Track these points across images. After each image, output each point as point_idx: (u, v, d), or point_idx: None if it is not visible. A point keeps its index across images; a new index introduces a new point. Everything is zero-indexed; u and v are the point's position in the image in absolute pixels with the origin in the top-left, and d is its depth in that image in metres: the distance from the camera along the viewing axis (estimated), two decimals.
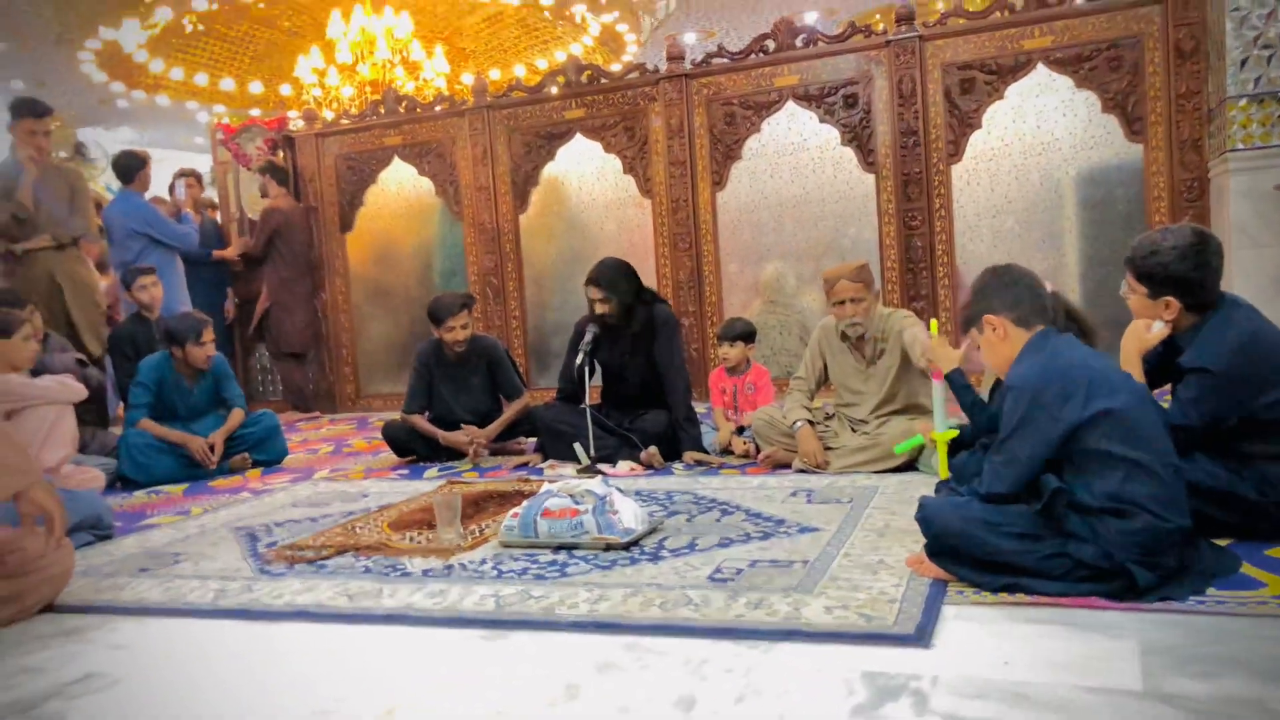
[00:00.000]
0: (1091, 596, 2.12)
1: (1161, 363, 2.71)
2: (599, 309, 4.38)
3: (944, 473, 3.16)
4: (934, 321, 3.44)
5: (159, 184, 7.09)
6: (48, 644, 2.35)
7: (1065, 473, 2.18)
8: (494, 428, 4.78)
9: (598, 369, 4.53)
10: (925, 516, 2.34)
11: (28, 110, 5.41)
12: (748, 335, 4.61)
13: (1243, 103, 4.97)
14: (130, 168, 6.41)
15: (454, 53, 10.78)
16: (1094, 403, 2.13)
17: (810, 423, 3.93)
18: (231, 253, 7.37)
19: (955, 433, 3.13)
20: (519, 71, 11.07)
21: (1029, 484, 2.21)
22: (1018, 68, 5.66)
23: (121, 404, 5.38)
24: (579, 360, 4.36)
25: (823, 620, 2.12)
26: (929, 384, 3.76)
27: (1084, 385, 2.15)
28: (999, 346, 2.38)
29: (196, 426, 4.86)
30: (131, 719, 1.89)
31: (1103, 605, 2.09)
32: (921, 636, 1.99)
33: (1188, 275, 2.52)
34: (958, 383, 2.99)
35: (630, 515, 2.90)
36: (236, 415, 4.95)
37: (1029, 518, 2.21)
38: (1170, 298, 2.56)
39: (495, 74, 11.02)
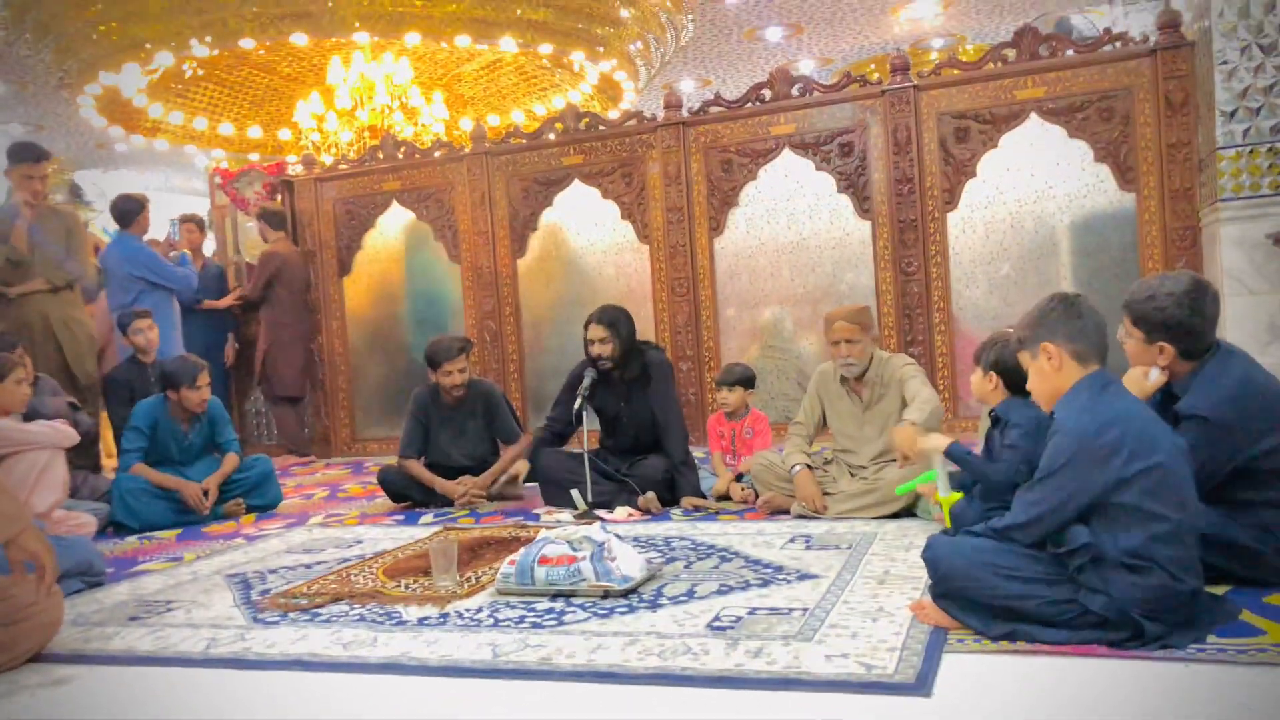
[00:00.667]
0: (1094, 644, 2.10)
1: (1159, 411, 2.71)
2: (599, 349, 4.38)
3: (948, 523, 3.14)
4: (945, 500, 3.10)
5: (156, 228, 7.12)
6: (35, 694, 2.31)
7: (1092, 523, 2.16)
8: (489, 475, 4.75)
9: (594, 415, 4.52)
10: (933, 557, 2.32)
11: (25, 155, 5.44)
12: (747, 380, 4.61)
13: (1232, 153, 5.02)
14: (129, 211, 6.42)
15: (453, 99, 10.87)
16: (1140, 459, 2.10)
17: (809, 467, 3.92)
18: (225, 303, 7.36)
19: (960, 495, 3.12)
20: (517, 118, 11.16)
21: (1053, 528, 2.19)
22: (1011, 117, 5.73)
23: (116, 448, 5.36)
24: (577, 404, 4.35)
25: (823, 669, 2.10)
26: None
27: (1132, 439, 2.11)
28: (1051, 377, 2.30)
29: (190, 471, 4.83)
30: None
31: (1104, 654, 2.07)
32: (922, 685, 1.97)
33: (1183, 321, 2.53)
34: (960, 455, 2.98)
35: (628, 562, 2.88)
36: (231, 460, 4.93)
37: (1039, 563, 2.19)
38: (1164, 343, 2.56)
39: (494, 120, 11.11)
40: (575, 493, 4.20)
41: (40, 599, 2.49)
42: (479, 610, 2.77)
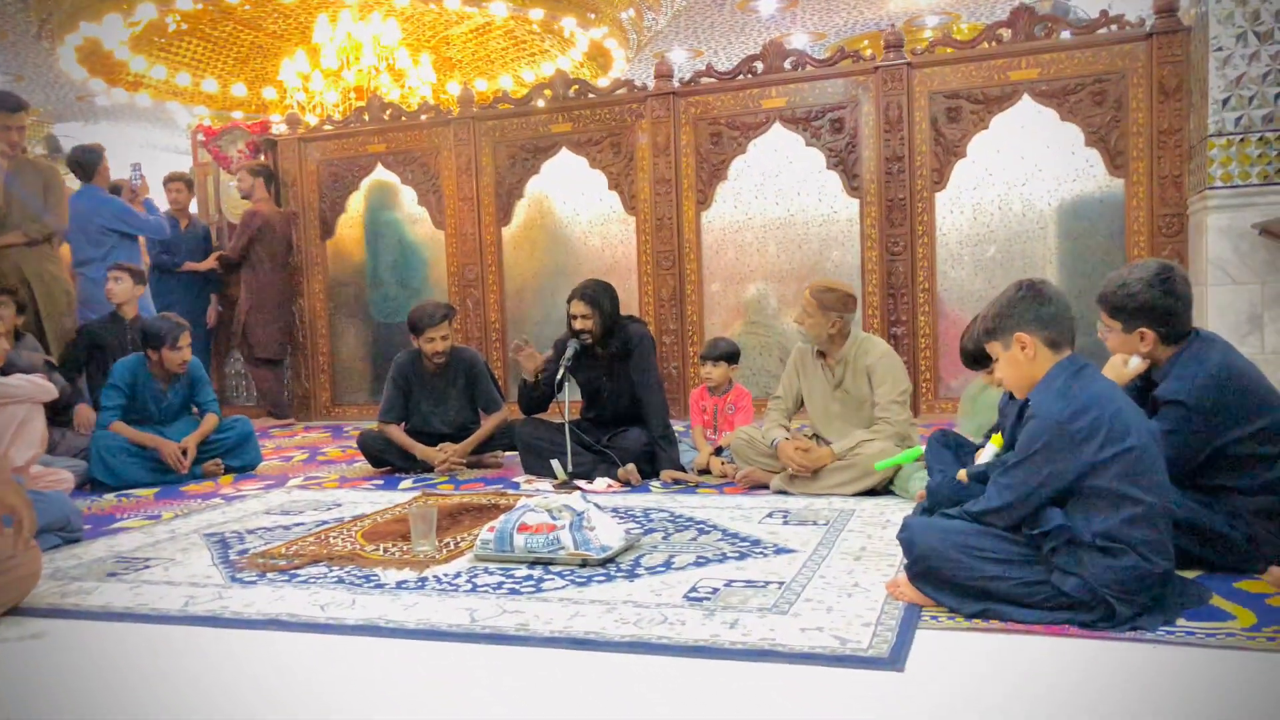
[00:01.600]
0: (1065, 625, 2.13)
1: (1139, 397, 2.73)
2: (581, 324, 4.38)
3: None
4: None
5: (116, 173, 6.99)
6: (12, 647, 2.31)
7: (1066, 505, 2.18)
8: (469, 443, 4.75)
9: (575, 386, 4.52)
10: (908, 537, 2.34)
11: (1, 105, 5.34)
12: (731, 356, 4.62)
13: (1223, 141, 5.04)
14: (90, 164, 6.27)
15: (441, 62, 10.76)
16: (1114, 443, 2.12)
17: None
18: (206, 265, 7.28)
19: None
20: (506, 83, 11.06)
21: (1029, 512, 2.21)
22: (1004, 98, 5.72)
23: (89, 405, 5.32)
24: (559, 375, 4.35)
25: (797, 642, 2.11)
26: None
27: (1106, 424, 2.13)
28: (1024, 366, 2.30)
29: (169, 431, 4.81)
30: None
31: (1075, 634, 2.10)
32: (895, 660, 1.99)
33: (1157, 303, 2.55)
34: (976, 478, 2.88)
35: (607, 532, 2.89)
36: (210, 420, 4.90)
37: (1014, 544, 2.21)
38: (1145, 329, 2.59)
39: (482, 85, 11.00)
40: (555, 463, 4.21)
41: (18, 552, 2.48)
42: (457, 575, 2.77)
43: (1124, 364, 2.67)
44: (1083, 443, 2.13)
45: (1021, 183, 5.77)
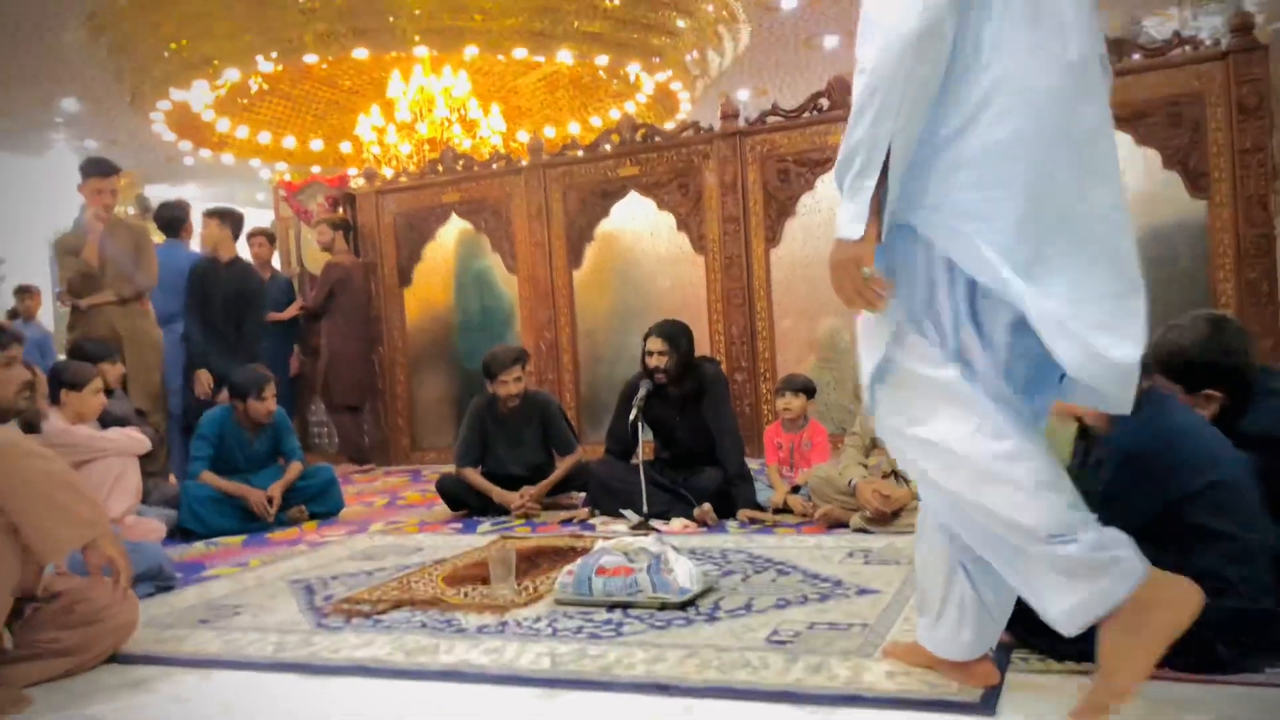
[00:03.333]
0: (1164, 667, 2.05)
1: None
2: (656, 361, 4.40)
3: None
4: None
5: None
6: (114, 695, 2.38)
7: (1156, 543, 2.11)
8: (544, 485, 4.78)
9: (648, 427, 4.53)
10: None
11: (94, 169, 5.59)
12: (809, 389, 4.59)
13: None
14: (175, 220, 6.53)
15: (510, 111, 10.99)
16: (1201, 475, 2.06)
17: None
18: (288, 315, 7.49)
19: None
20: (574, 129, 11.24)
21: None
22: None
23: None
24: (633, 415, 4.36)
25: (885, 686, 2.08)
26: None
27: (1191, 455, 2.07)
28: None
29: (255, 479, 4.93)
30: None
31: (1174, 676, 2.02)
32: (987, 704, 1.95)
33: (1219, 363, 2.42)
34: None
35: (685, 574, 2.88)
36: (294, 468, 5.02)
37: None
38: (1210, 390, 2.47)
39: (550, 132, 11.20)
40: (627, 513, 4.24)
41: (116, 602, 2.56)
42: (537, 619, 2.79)
43: None
44: (1168, 475, 2.06)
45: None
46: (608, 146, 6.91)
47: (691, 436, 4.47)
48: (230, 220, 6.49)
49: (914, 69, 1.74)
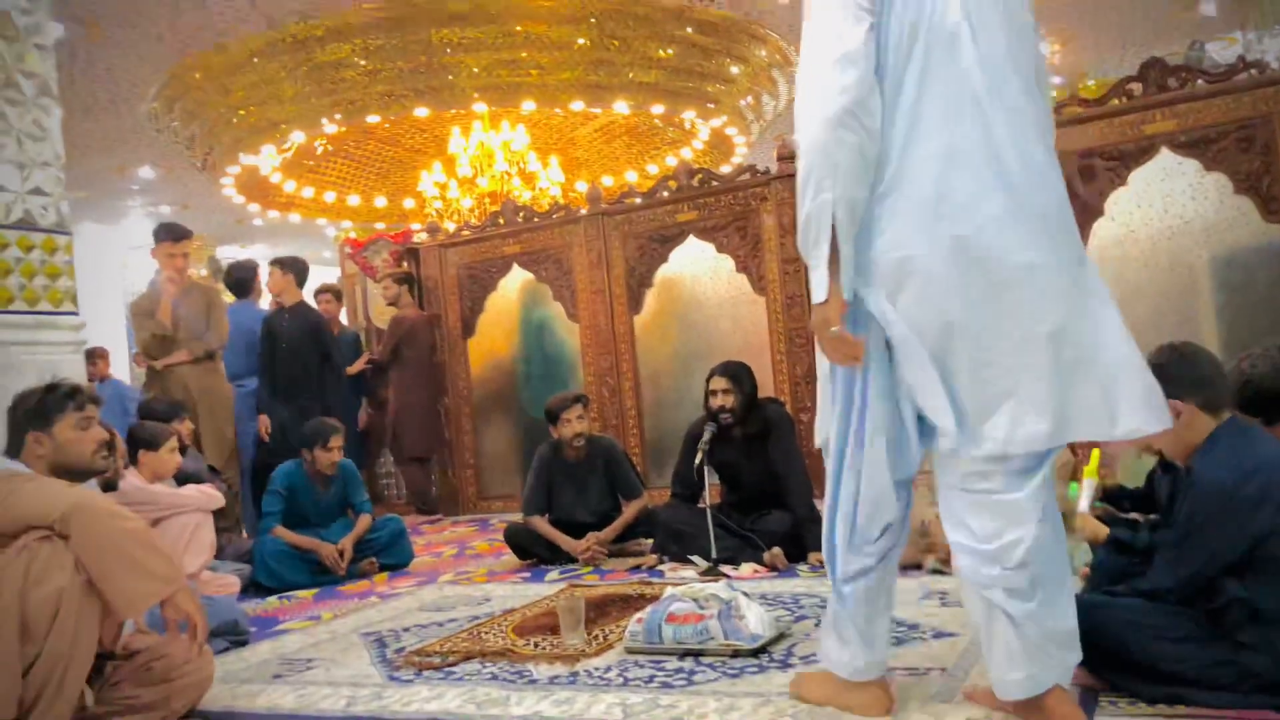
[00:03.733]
0: (1264, 709, 1.96)
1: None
2: (721, 400, 4.37)
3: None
4: (1095, 451, 2.96)
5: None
6: None
7: (1245, 577, 2.03)
8: (610, 531, 4.76)
9: (713, 470, 4.50)
10: (1077, 616, 2.21)
11: (167, 234, 5.79)
12: None
13: None
14: (245, 281, 6.75)
15: (568, 162, 11.15)
16: None
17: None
18: (356, 368, 7.62)
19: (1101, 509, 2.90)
20: (631, 177, 11.36)
21: (1202, 586, 2.07)
22: (1140, 153, 5.53)
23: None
24: (698, 460, 4.33)
25: None
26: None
27: (1278, 487, 2.00)
28: (1184, 434, 2.17)
29: (326, 532, 4.98)
30: None
31: (1276, 719, 1.93)
32: None
33: None
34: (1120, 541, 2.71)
35: (757, 620, 2.84)
36: (364, 521, 5.07)
37: (1193, 621, 2.07)
38: None
39: (608, 180, 11.33)
40: (695, 558, 4.21)
41: (194, 657, 2.60)
42: (608, 669, 2.76)
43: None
44: (1254, 509, 1.99)
45: (1167, 237, 5.53)
46: (665, 193, 6.95)
47: (758, 479, 4.43)
48: (292, 267, 6.64)
49: (840, 140, 1.92)
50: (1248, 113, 5.28)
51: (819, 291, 2.00)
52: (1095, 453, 2.97)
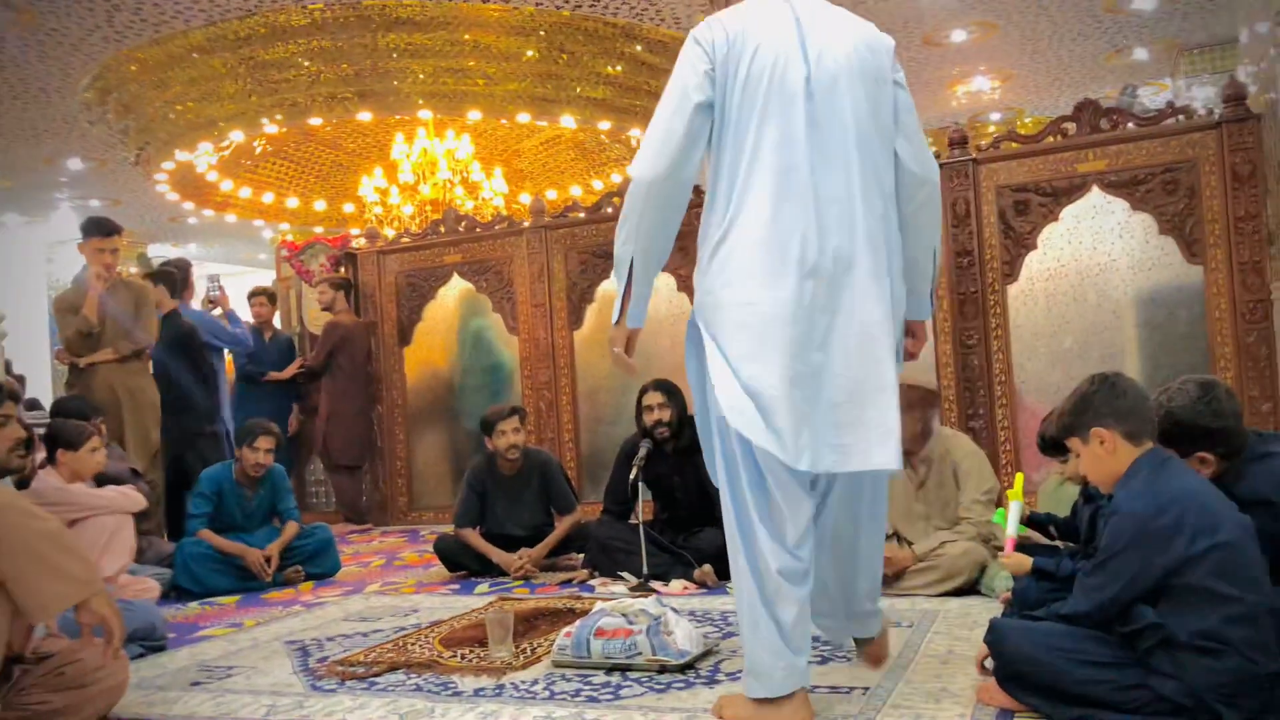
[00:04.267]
0: None
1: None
2: (658, 414, 4.40)
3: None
4: (1019, 476, 3.12)
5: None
6: None
7: (1160, 604, 2.10)
8: (543, 546, 4.74)
9: (647, 487, 4.51)
10: (997, 640, 2.26)
11: (96, 229, 5.63)
12: None
13: None
14: (177, 280, 6.58)
15: (512, 174, 11.12)
16: (1203, 538, 2.05)
17: None
18: (288, 374, 7.49)
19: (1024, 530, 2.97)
20: (575, 191, 11.37)
21: (1117, 612, 2.13)
22: (1073, 190, 5.69)
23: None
24: (633, 475, 4.34)
25: None
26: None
27: (1193, 518, 2.07)
28: (1106, 461, 2.25)
29: (252, 538, 4.88)
30: None
31: None
32: None
33: (1210, 426, 2.41)
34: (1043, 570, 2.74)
35: (685, 636, 2.85)
36: (291, 528, 4.98)
37: (1108, 645, 2.13)
38: (1204, 453, 2.46)
39: (552, 194, 11.32)
40: (626, 574, 4.20)
41: (108, 663, 2.52)
42: (535, 682, 2.75)
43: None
44: (1169, 539, 2.06)
45: (1095, 273, 5.70)
46: (609, 209, 6.97)
47: (691, 495, 4.45)
48: (164, 278, 6.40)
49: (646, 210, 2.31)
50: (1174, 157, 5.47)
51: (615, 315, 2.40)
52: (1019, 476, 3.05)
